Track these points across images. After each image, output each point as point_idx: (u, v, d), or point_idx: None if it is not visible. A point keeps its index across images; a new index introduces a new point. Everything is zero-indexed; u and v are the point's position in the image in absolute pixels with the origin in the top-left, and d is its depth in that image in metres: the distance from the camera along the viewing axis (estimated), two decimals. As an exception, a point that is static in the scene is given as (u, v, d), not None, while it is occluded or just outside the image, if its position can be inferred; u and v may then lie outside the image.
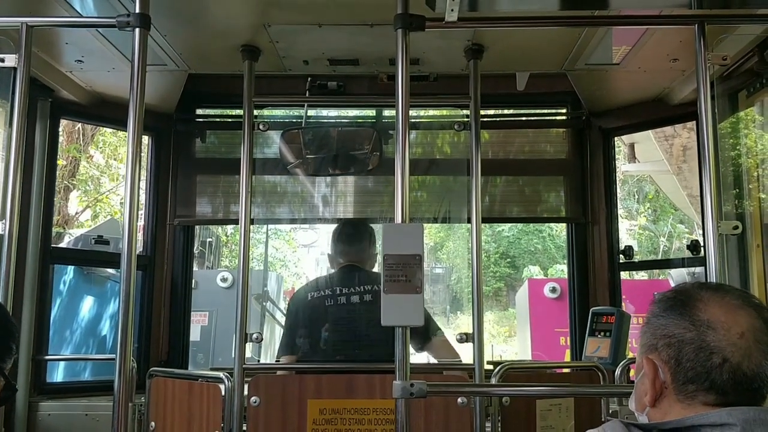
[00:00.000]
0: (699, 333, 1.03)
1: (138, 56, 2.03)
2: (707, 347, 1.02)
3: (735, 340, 1.01)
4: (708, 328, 1.02)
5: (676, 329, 1.05)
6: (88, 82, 2.94)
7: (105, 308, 5.88)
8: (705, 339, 1.02)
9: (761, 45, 2.40)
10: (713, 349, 1.01)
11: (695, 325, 1.03)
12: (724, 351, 1.01)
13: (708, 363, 1.01)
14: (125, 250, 1.94)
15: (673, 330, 1.05)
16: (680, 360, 1.03)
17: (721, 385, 1.01)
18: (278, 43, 2.58)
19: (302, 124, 3.18)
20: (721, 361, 1.01)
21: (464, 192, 3.01)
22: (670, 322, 1.06)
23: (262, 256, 11.20)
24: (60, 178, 7.82)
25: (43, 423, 2.78)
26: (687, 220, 14.40)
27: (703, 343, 1.02)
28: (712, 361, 1.01)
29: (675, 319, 1.06)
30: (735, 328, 1.02)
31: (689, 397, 1.03)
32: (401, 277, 1.89)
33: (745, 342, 1.01)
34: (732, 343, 1.01)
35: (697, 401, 1.03)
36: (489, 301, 18.22)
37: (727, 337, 1.01)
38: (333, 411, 2.26)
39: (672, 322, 1.06)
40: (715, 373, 1.01)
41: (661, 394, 1.06)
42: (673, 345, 1.04)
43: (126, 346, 1.87)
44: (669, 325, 1.06)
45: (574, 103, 3.26)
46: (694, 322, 1.04)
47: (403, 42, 2.02)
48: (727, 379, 1.01)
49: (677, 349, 1.04)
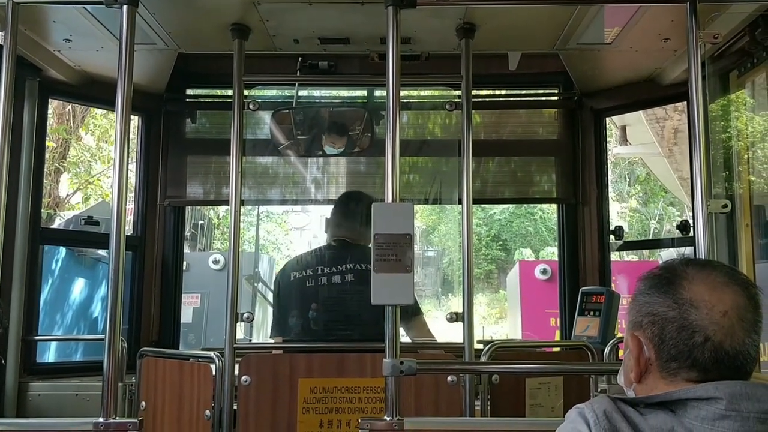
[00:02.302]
0: (681, 312, 1.03)
1: (126, 34, 2.00)
2: (689, 326, 1.02)
3: (717, 318, 1.02)
4: (691, 307, 1.03)
5: (659, 307, 1.06)
6: (76, 62, 2.90)
7: (96, 290, 5.87)
8: (687, 318, 1.03)
9: (753, 24, 2.39)
10: (695, 328, 1.02)
11: (678, 303, 1.04)
12: (707, 330, 1.01)
13: (690, 341, 1.02)
14: (114, 229, 1.94)
15: (657, 308, 1.06)
16: (663, 338, 1.04)
17: (703, 363, 1.02)
18: (268, 21, 2.55)
19: (293, 105, 3.15)
20: (703, 339, 1.01)
21: (455, 173, 3.01)
22: (654, 300, 1.07)
23: (253, 238, 11.19)
24: (51, 160, 7.75)
25: (33, 403, 2.78)
26: (677, 202, 14.49)
27: (686, 321, 1.03)
28: (694, 339, 1.02)
29: (659, 297, 1.06)
30: (718, 307, 1.02)
31: (672, 374, 1.05)
32: (391, 257, 1.90)
33: (728, 320, 1.01)
34: (714, 321, 1.01)
35: (680, 378, 1.04)
36: (480, 283, 18.33)
37: (710, 316, 1.02)
38: (323, 390, 2.27)
39: (656, 300, 1.07)
40: (697, 351, 1.02)
41: (647, 370, 1.07)
42: (656, 323, 1.05)
43: (115, 326, 1.87)
44: (653, 303, 1.07)
45: (566, 83, 3.25)
46: (677, 301, 1.04)
47: (393, 19, 2.00)
48: (708, 358, 1.02)
49: (661, 327, 1.05)
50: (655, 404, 1.02)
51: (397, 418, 1.85)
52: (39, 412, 2.76)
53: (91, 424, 1.81)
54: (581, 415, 1.02)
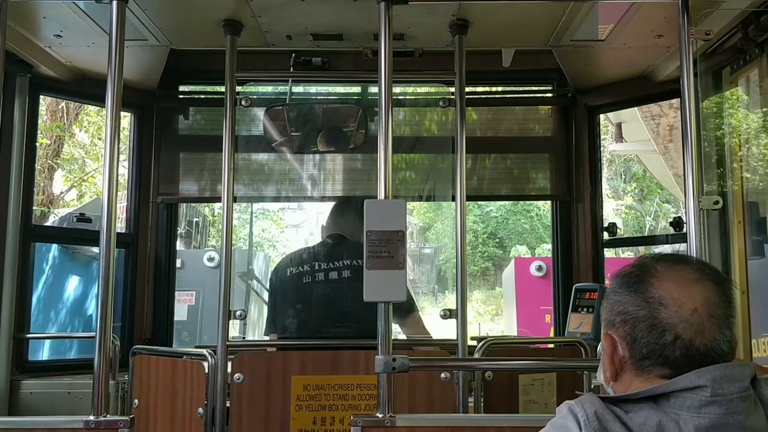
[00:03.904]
0: (651, 310, 1.03)
1: (116, 29, 1.98)
2: (660, 325, 1.02)
3: (687, 316, 1.01)
4: (660, 305, 1.02)
5: (630, 306, 1.05)
6: (67, 58, 2.88)
7: (91, 287, 5.85)
8: (657, 316, 1.02)
9: (745, 21, 2.39)
10: (665, 327, 1.02)
11: (648, 302, 1.04)
12: (676, 328, 1.01)
13: (661, 340, 1.02)
14: (104, 226, 1.92)
15: (628, 307, 1.06)
16: (635, 337, 1.04)
17: (674, 361, 1.02)
18: (260, 17, 2.53)
19: (286, 101, 3.14)
20: (673, 338, 1.01)
21: (449, 170, 3.01)
22: (625, 299, 1.06)
23: (249, 236, 11.17)
24: (44, 158, 7.71)
25: (25, 401, 2.77)
26: (673, 199, 14.53)
27: (656, 320, 1.02)
28: (664, 338, 1.01)
29: (629, 296, 1.06)
30: (688, 304, 1.02)
31: (646, 372, 1.05)
32: (384, 253, 1.89)
33: (697, 318, 1.01)
34: (684, 319, 1.01)
35: (653, 375, 1.04)
36: (476, 280, 18.35)
37: (679, 314, 1.01)
38: (317, 387, 2.27)
39: (626, 299, 1.06)
40: (668, 349, 1.02)
41: (622, 368, 1.08)
42: (628, 322, 1.05)
43: (105, 323, 1.86)
44: (624, 302, 1.06)
45: (560, 80, 3.25)
46: (646, 299, 1.04)
47: (385, 15, 1.99)
48: (679, 355, 1.01)
49: (632, 326, 1.04)
50: (639, 399, 1.02)
51: (390, 414, 1.84)
52: (31, 411, 2.75)
53: (82, 422, 1.80)
54: (572, 412, 1.02)
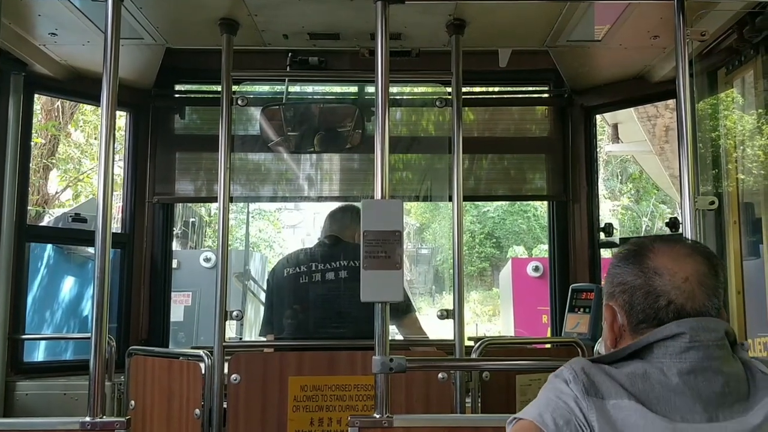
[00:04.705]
0: (647, 279, 1.14)
1: (111, 27, 1.97)
2: (654, 291, 1.13)
3: (679, 284, 1.12)
4: (655, 275, 1.13)
5: (628, 277, 1.16)
6: (63, 56, 2.87)
7: (86, 288, 5.83)
8: (652, 284, 1.13)
9: (740, 22, 2.40)
10: (659, 293, 1.12)
11: (644, 272, 1.14)
12: (669, 294, 1.12)
13: (656, 305, 1.12)
14: (100, 226, 1.91)
15: (626, 278, 1.16)
16: (633, 304, 1.15)
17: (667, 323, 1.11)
18: (257, 16, 2.53)
19: (283, 101, 3.13)
20: (666, 302, 1.12)
21: (446, 170, 3.00)
22: (624, 271, 1.17)
23: (245, 236, 11.15)
24: (39, 157, 7.68)
25: (20, 403, 2.76)
26: (669, 200, 14.57)
27: (651, 287, 1.13)
28: (658, 303, 1.12)
29: (628, 268, 1.17)
30: (680, 274, 1.12)
31: (640, 334, 1.14)
32: (381, 253, 1.89)
33: (688, 285, 1.12)
34: (676, 286, 1.12)
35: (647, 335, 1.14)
36: (474, 280, 18.36)
37: (672, 282, 1.12)
38: (314, 388, 2.26)
39: (625, 270, 1.17)
40: (662, 313, 1.12)
41: (620, 336, 1.17)
42: (626, 291, 1.16)
43: (101, 324, 1.85)
44: (623, 274, 1.17)
45: (557, 80, 3.25)
46: (643, 270, 1.15)
47: (382, 14, 1.99)
48: (672, 318, 1.11)
49: (630, 295, 1.15)
50: (627, 357, 1.12)
51: (387, 415, 1.84)
52: (26, 412, 2.73)
53: (78, 424, 1.79)
54: (559, 376, 1.10)
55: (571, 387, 1.07)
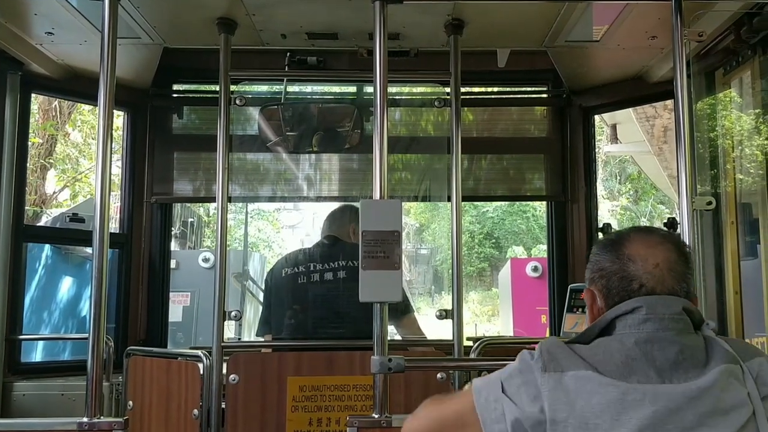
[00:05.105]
0: (622, 265, 1.25)
1: (108, 27, 1.97)
2: (628, 276, 1.24)
3: (650, 269, 1.23)
4: (629, 261, 1.25)
5: (606, 263, 1.28)
6: (59, 56, 2.86)
7: (84, 288, 5.82)
8: (626, 269, 1.25)
9: (738, 22, 2.40)
10: (633, 277, 1.24)
11: (620, 258, 1.26)
12: (641, 278, 1.23)
13: (629, 288, 1.23)
14: (98, 226, 1.91)
15: (604, 264, 1.28)
16: (609, 288, 1.26)
17: None
18: (255, 16, 2.52)
19: (281, 101, 3.13)
20: (638, 286, 1.23)
21: (445, 170, 3.00)
22: (602, 258, 1.29)
23: (244, 236, 11.14)
24: (36, 157, 7.66)
25: (18, 403, 2.75)
26: (667, 200, 14.58)
27: (625, 272, 1.24)
28: (631, 286, 1.23)
29: (606, 255, 1.29)
30: (651, 260, 1.24)
31: None
32: (379, 253, 1.89)
33: (659, 271, 1.23)
34: (648, 271, 1.23)
35: None
36: (473, 281, 18.37)
37: (644, 267, 1.23)
38: (313, 388, 2.26)
39: (604, 258, 1.29)
40: (634, 295, 1.22)
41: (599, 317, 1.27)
42: (604, 276, 1.27)
43: (99, 324, 1.85)
44: (601, 261, 1.29)
45: (555, 81, 3.25)
46: (619, 256, 1.26)
47: (380, 14, 1.99)
48: None
49: (607, 279, 1.27)
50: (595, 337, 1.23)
51: (386, 415, 1.84)
52: (24, 413, 2.72)
53: (76, 424, 1.79)
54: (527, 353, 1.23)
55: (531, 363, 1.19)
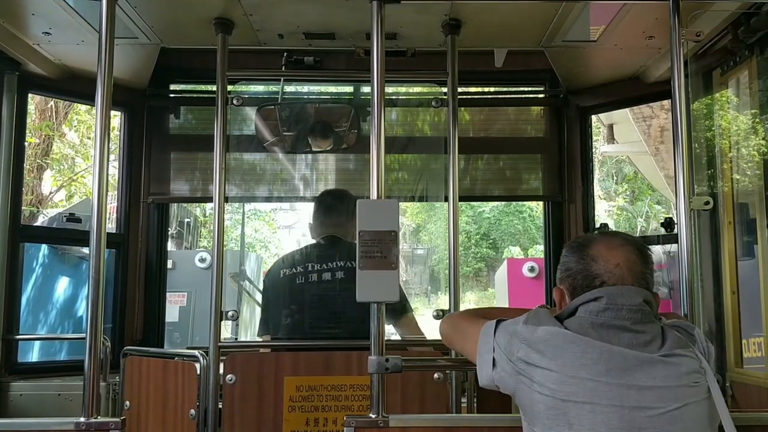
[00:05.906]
0: (585, 265, 1.39)
1: (105, 26, 1.96)
2: (591, 274, 1.38)
3: (612, 268, 1.37)
4: (592, 261, 1.39)
5: (572, 264, 1.42)
6: (56, 56, 2.86)
7: (81, 288, 5.81)
8: (590, 269, 1.39)
9: (735, 22, 2.41)
10: (595, 275, 1.38)
11: (584, 259, 1.40)
12: (603, 276, 1.37)
13: (592, 285, 1.38)
14: (94, 226, 1.90)
15: (571, 265, 1.42)
16: (575, 286, 1.40)
17: None
18: (252, 16, 2.52)
19: (278, 101, 3.13)
20: (600, 283, 1.37)
21: (442, 170, 3.00)
22: (569, 260, 1.43)
23: (240, 236, 11.13)
24: (33, 157, 7.64)
25: (14, 403, 2.74)
26: (664, 200, 14.61)
27: (588, 271, 1.39)
28: (594, 283, 1.37)
29: (573, 257, 1.43)
30: (612, 260, 1.37)
31: None
32: (376, 253, 1.88)
33: (619, 270, 1.37)
34: (609, 270, 1.37)
35: None
36: (469, 281, 18.39)
37: (606, 267, 1.37)
38: (310, 388, 2.26)
39: (570, 259, 1.43)
40: None
41: None
42: (570, 275, 1.42)
43: (96, 324, 1.84)
44: (568, 262, 1.43)
45: (552, 81, 3.26)
46: (583, 257, 1.40)
47: (378, 14, 1.99)
48: None
49: (573, 278, 1.41)
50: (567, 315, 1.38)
51: (383, 415, 1.84)
52: (20, 413, 2.72)
53: (72, 424, 1.78)
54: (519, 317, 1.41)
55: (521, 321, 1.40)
